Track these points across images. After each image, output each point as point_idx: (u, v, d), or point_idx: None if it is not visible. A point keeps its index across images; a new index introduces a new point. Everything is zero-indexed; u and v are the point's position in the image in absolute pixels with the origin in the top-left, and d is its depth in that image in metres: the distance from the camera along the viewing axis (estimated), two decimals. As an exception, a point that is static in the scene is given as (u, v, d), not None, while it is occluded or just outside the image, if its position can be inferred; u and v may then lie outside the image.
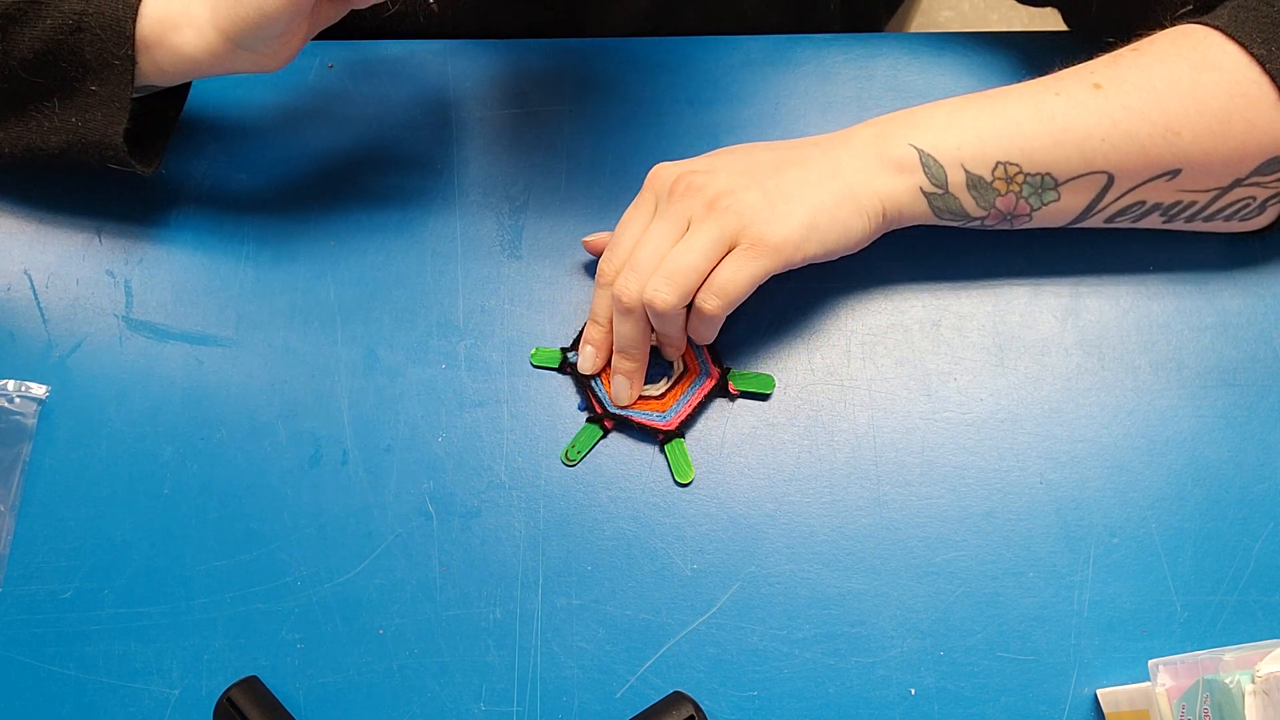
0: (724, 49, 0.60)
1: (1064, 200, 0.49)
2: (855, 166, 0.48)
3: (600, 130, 0.58)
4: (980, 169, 0.48)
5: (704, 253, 0.46)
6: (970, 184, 0.48)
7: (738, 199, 0.47)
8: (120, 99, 0.50)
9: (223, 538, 0.49)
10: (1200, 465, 0.50)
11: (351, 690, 0.47)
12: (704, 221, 0.47)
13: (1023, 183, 0.48)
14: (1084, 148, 0.47)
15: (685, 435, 0.51)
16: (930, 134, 0.48)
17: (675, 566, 0.48)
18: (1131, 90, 0.47)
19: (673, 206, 0.48)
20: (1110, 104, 0.47)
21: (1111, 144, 0.47)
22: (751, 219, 0.46)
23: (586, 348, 0.51)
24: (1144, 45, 0.49)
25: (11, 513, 0.50)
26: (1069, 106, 0.47)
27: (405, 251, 0.55)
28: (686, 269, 0.46)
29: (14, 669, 0.47)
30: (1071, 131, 0.47)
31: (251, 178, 0.57)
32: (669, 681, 0.46)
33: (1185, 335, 0.52)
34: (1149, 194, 0.49)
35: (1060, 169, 0.48)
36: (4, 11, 0.49)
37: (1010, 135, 0.47)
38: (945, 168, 0.48)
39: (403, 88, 0.60)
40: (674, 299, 0.46)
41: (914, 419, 0.51)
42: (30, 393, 0.52)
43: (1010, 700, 0.46)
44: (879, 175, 0.48)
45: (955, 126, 0.48)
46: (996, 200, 0.49)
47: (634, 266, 0.47)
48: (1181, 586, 0.48)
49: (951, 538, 0.49)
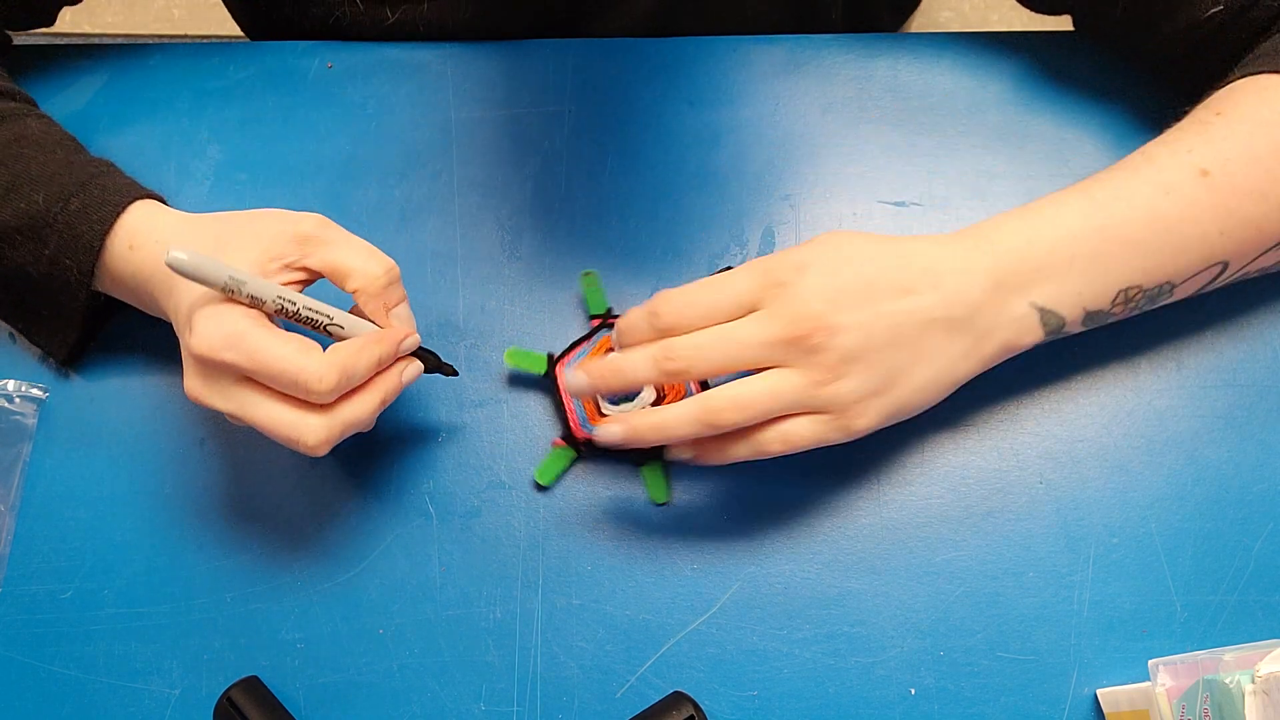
0: (724, 49, 0.60)
1: (1176, 295, 0.48)
2: (971, 330, 0.44)
3: (600, 130, 0.58)
4: (1101, 304, 0.46)
5: (785, 407, 0.43)
6: (1087, 319, 0.47)
7: (846, 386, 0.43)
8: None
9: (223, 538, 0.49)
10: (1200, 465, 0.50)
11: (351, 690, 0.47)
12: (805, 386, 0.43)
13: (1142, 299, 0.47)
14: (1203, 247, 0.46)
15: (663, 458, 0.50)
16: (1052, 285, 0.45)
17: (675, 566, 0.48)
18: (1238, 169, 0.45)
19: (782, 344, 0.42)
20: (1222, 192, 0.45)
21: (1229, 234, 0.46)
22: (848, 404, 0.43)
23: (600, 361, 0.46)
24: (1226, 107, 0.47)
25: (11, 513, 0.50)
26: (1184, 207, 0.45)
27: (405, 251, 0.55)
28: (760, 411, 0.43)
29: (14, 669, 0.47)
30: (1190, 236, 0.45)
31: (251, 178, 0.57)
32: (669, 681, 0.46)
33: (1185, 335, 0.52)
34: (1257, 265, 0.48)
35: (1180, 274, 0.46)
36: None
37: (1130, 259, 0.45)
38: (1065, 316, 0.46)
39: (403, 88, 0.60)
40: (732, 424, 0.43)
41: (913, 419, 0.51)
42: (30, 393, 0.52)
43: (1010, 700, 0.46)
44: (991, 340, 0.45)
45: (1076, 266, 0.45)
46: (1108, 320, 0.48)
47: (700, 347, 0.43)
48: (1181, 586, 0.47)
49: (951, 538, 0.49)
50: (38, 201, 0.46)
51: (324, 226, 0.44)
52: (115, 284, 0.48)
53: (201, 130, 0.58)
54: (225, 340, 0.40)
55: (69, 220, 0.46)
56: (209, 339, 0.40)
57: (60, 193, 0.47)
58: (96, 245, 0.46)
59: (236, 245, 0.43)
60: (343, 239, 0.44)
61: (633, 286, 0.54)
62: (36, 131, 0.50)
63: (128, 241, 0.46)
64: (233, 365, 0.41)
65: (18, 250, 0.47)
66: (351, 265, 0.43)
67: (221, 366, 0.41)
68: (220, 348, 0.40)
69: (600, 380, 0.45)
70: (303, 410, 0.42)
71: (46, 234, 0.46)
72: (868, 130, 0.58)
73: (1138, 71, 0.54)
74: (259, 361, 0.40)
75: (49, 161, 0.48)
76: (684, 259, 0.55)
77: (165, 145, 0.58)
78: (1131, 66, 0.58)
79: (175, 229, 0.46)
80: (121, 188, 0.48)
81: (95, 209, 0.46)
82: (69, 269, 0.47)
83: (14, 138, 0.49)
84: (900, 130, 0.58)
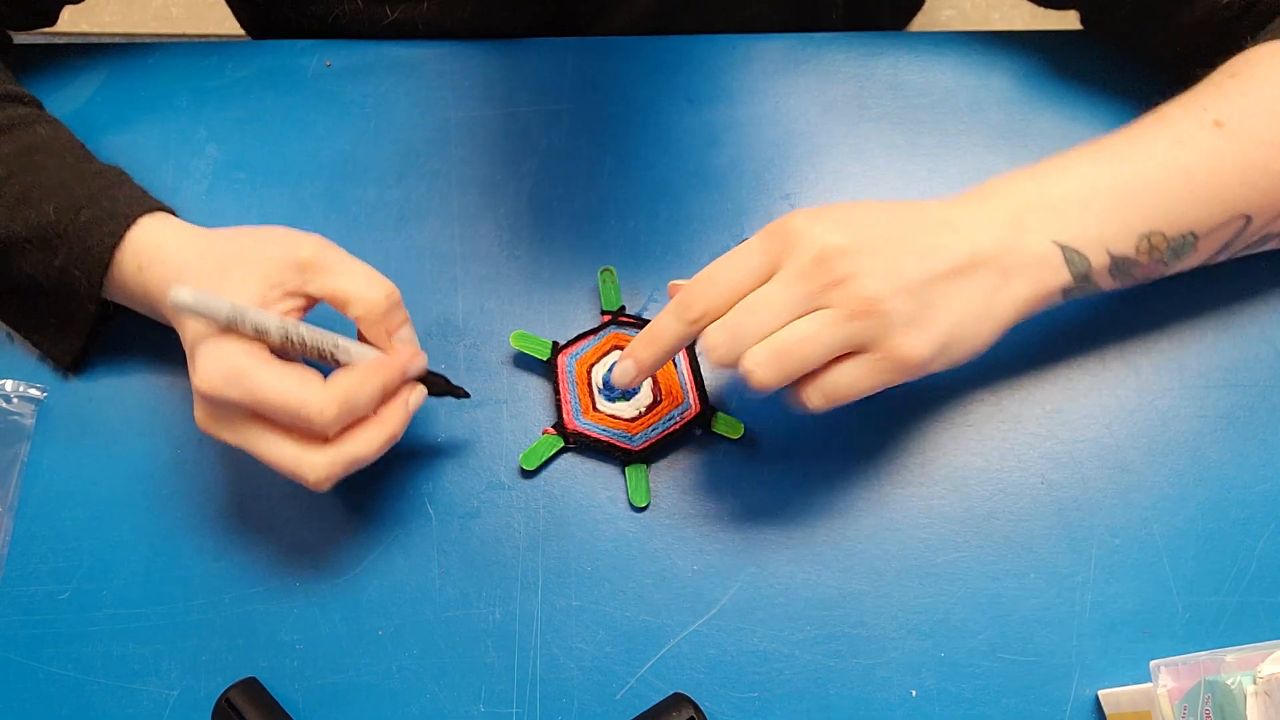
0: (723, 47, 0.60)
1: (1200, 251, 0.47)
2: (996, 266, 0.43)
3: (599, 129, 0.58)
4: (1125, 248, 0.45)
5: (827, 351, 0.41)
6: (1113, 266, 0.46)
7: (884, 305, 0.41)
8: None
9: (221, 538, 0.49)
10: (1202, 465, 0.50)
11: (351, 691, 0.46)
12: (841, 321, 0.41)
13: (1165, 249, 0.46)
14: (1224, 196, 0.45)
15: (649, 462, 0.50)
16: (1071, 222, 0.45)
17: (675, 567, 0.48)
18: (1256, 121, 0.45)
19: (807, 285, 0.41)
20: (1240, 142, 0.45)
21: (1250, 184, 0.45)
22: (891, 329, 0.41)
23: (628, 362, 0.45)
24: (1241, 69, 0.47)
25: (9, 513, 0.49)
26: (1200, 155, 0.45)
27: (404, 251, 0.55)
28: (800, 360, 0.41)
29: (12, 670, 0.47)
30: (1210, 184, 0.45)
31: (249, 176, 0.57)
32: (669, 683, 0.46)
33: (1187, 335, 0.52)
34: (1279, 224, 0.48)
35: (1202, 223, 0.46)
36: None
37: (1150, 202, 0.45)
38: (1090, 257, 0.45)
39: (401, 87, 0.59)
40: (774, 380, 0.41)
41: (914, 419, 0.51)
42: (28, 393, 0.51)
43: (1011, 702, 0.46)
44: (1018, 279, 0.44)
45: (1094, 207, 0.45)
46: (1135, 271, 0.47)
47: (736, 330, 0.41)
48: (1183, 587, 0.47)
49: (952, 538, 0.48)
50: (48, 212, 0.46)
51: (324, 252, 0.44)
52: (124, 297, 0.48)
53: (200, 129, 0.58)
54: (225, 377, 0.40)
55: (79, 232, 0.46)
56: (210, 376, 0.41)
57: (70, 204, 0.47)
58: (106, 258, 0.46)
59: (240, 272, 0.43)
60: (342, 264, 0.44)
61: (633, 286, 0.54)
62: (46, 139, 0.50)
63: (136, 261, 0.46)
64: (235, 402, 0.41)
65: (27, 260, 0.47)
66: (351, 292, 0.43)
67: (225, 403, 0.41)
68: (221, 385, 0.40)
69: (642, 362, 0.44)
70: (306, 446, 0.42)
71: (56, 245, 0.46)
72: (868, 129, 0.58)
73: (1146, 66, 0.54)
74: (259, 397, 0.40)
75: (59, 171, 0.48)
76: (684, 258, 0.55)
77: (164, 144, 0.58)
78: (1139, 61, 0.57)
79: (181, 250, 0.46)
80: (131, 200, 0.48)
81: (105, 221, 0.46)
82: (78, 280, 0.47)
83: (25, 147, 0.48)
84: (901, 129, 0.58)
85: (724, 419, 0.50)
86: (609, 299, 0.53)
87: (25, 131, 0.49)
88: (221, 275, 0.43)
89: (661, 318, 0.44)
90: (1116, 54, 0.59)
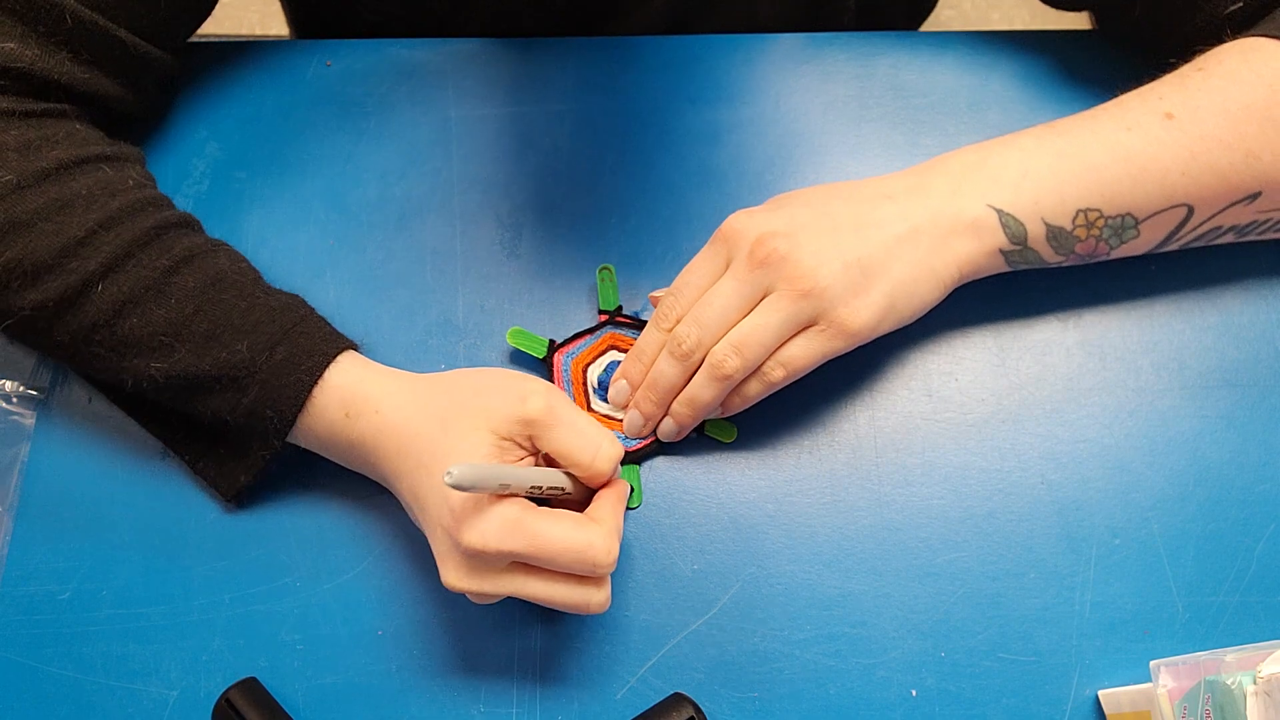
0: (724, 48, 0.60)
1: (1143, 236, 0.48)
2: (933, 231, 0.47)
3: (600, 130, 0.58)
4: (1060, 220, 0.47)
5: (779, 333, 0.45)
6: (1050, 236, 0.47)
7: (822, 282, 0.44)
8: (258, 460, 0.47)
9: (222, 538, 0.49)
10: (1202, 466, 0.50)
11: (351, 691, 0.46)
12: (785, 303, 0.45)
13: (1103, 226, 0.47)
14: (1164, 183, 0.46)
15: (640, 464, 0.50)
16: (1007, 190, 0.47)
17: (675, 567, 0.48)
18: (1206, 117, 0.46)
19: (751, 273, 0.45)
20: (1186, 135, 0.46)
21: (1191, 177, 0.46)
22: (833, 303, 0.45)
23: (621, 382, 0.50)
24: (1210, 64, 0.48)
25: (9, 513, 0.49)
26: (1145, 142, 0.46)
27: (405, 251, 0.55)
28: (758, 345, 0.45)
29: (12, 670, 0.47)
30: (1150, 170, 0.46)
31: (251, 176, 0.57)
32: (669, 683, 0.46)
33: (1187, 335, 0.52)
34: (1227, 219, 0.48)
35: (1141, 207, 0.47)
36: None
37: (1089, 181, 0.46)
38: (1025, 224, 0.47)
39: (402, 86, 0.59)
40: (740, 368, 0.45)
41: (914, 419, 0.51)
42: (29, 393, 0.51)
43: (1011, 701, 0.46)
44: (956, 240, 0.47)
45: (1032, 178, 0.47)
46: (1076, 246, 0.48)
47: (698, 320, 0.46)
48: (1183, 587, 0.47)
49: (953, 538, 0.48)
50: (240, 351, 0.45)
51: (550, 410, 0.43)
52: (316, 441, 0.47)
53: (200, 129, 0.58)
54: (503, 531, 0.40)
55: (273, 370, 0.45)
56: (485, 533, 0.40)
57: (265, 341, 0.46)
58: (302, 397, 0.45)
59: (466, 425, 0.43)
60: (569, 423, 0.43)
61: (633, 285, 0.54)
62: (228, 271, 0.48)
63: (343, 408, 0.45)
64: (512, 553, 0.40)
65: (214, 398, 0.46)
66: (580, 459, 0.43)
67: (498, 555, 0.41)
68: (499, 541, 0.40)
69: (645, 404, 0.49)
70: (579, 580, 0.42)
71: (247, 383, 0.45)
72: (869, 129, 0.58)
73: (1146, 66, 0.54)
74: (540, 546, 0.40)
75: (247, 306, 0.47)
76: (685, 257, 0.54)
77: (164, 144, 0.58)
78: (1142, 62, 0.57)
79: (396, 401, 0.45)
80: (325, 337, 0.47)
81: (302, 359, 0.46)
82: (269, 419, 0.45)
83: (209, 281, 0.47)
84: (902, 129, 0.58)
85: (717, 423, 0.50)
86: (606, 298, 0.53)
87: (206, 263, 0.47)
88: (444, 429, 0.43)
89: (646, 332, 0.49)
90: (1116, 54, 0.59)
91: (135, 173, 0.50)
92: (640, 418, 0.49)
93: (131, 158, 0.51)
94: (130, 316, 0.45)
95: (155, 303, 0.45)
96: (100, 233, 0.45)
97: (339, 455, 0.47)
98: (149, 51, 0.52)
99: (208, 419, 0.47)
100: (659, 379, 0.48)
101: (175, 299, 0.46)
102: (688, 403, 0.47)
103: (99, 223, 0.46)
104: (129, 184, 0.48)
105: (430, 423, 0.44)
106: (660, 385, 0.48)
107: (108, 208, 0.46)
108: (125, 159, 0.50)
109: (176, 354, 0.45)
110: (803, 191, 0.50)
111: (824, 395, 0.51)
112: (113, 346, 0.46)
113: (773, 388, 0.47)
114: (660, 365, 0.48)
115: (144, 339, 0.45)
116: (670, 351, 0.47)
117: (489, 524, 0.40)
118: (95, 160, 0.48)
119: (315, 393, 0.45)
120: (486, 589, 0.42)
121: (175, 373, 0.45)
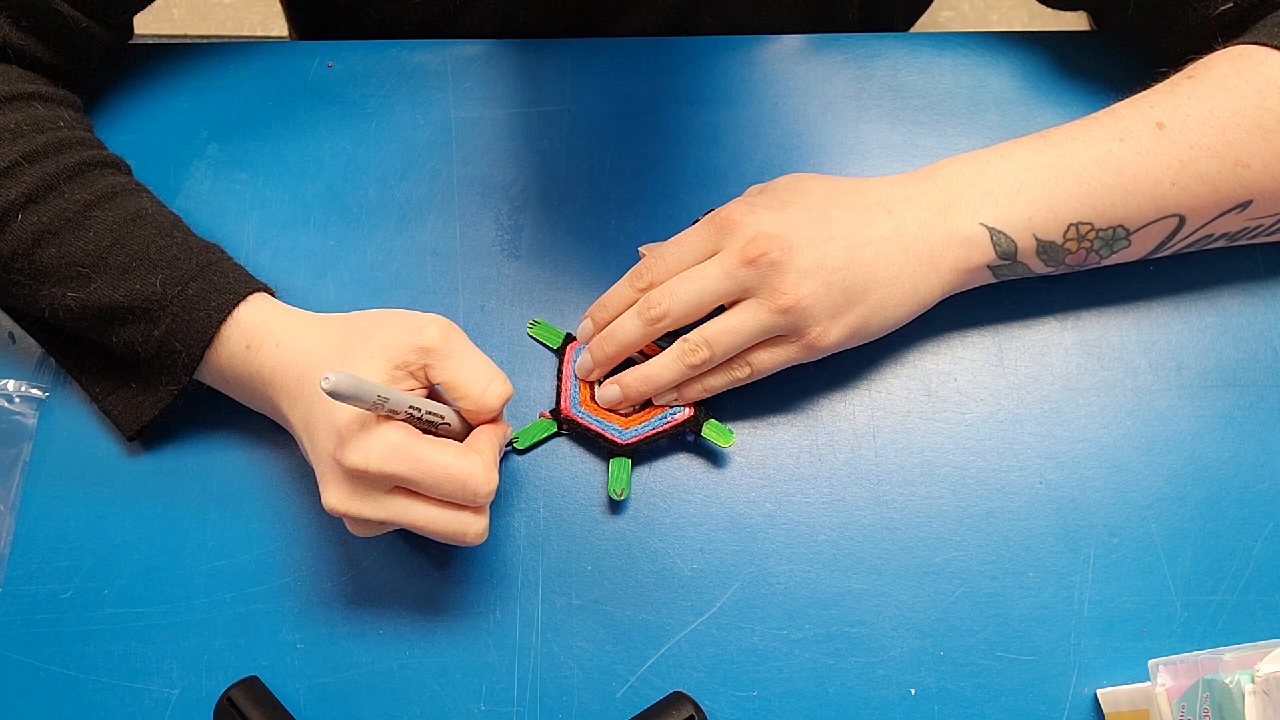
0: (724, 49, 0.60)
1: (1135, 246, 0.49)
2: (921, 249, 0.47)
3: (600, 130, 0.58)
4: (1052, 234, 0.47)
5: (751, 339, 0.47)
6: (1041, 250, 0.48)
7: (803, 302, 0.45)
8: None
9: (223, 538, 0.49)
10: (1200, 465, 0.50)
11: (351, 690, 0.47)
12: (764, 314, 0.46)
13: (1094, 239, 0.48)
14: (1155, 194, 0.46)
15: (635, 458, 0.50)
16: (999, 207, 0.47)
17: (675, 566, 0.48)
18: (1196, 126, 0.46)
19: (738, 268, 0.46)
20: (1176, 145, 0.46)
21: (1182, 186, 0.46)
22: (809, 323, 0.46)
23: (587, 321, 0.51)
24: (1200, 72, 0.48)
25: (11, 513, 0.50)
26: (1136, 154, 0.46)
27: (405, 251, 0.55)
28: (729, 345, 0.47)
29: (14, 669, 0.47)
30: (1141, 181, 0.46)
31: (251, 177, 0.57)
32: (669, 681, 0.46)
33: (1185, 335, 0.52)
34: (1219, 227, 0.48)
35: (1132, 219, 0.47)
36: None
37: (1080, 195, 0.47)
38: (1015, 240, 0.47)
39: (402, 87, 0.60)
40: (708, 361, 0.47)
41: (914, 419, 0.51)
42: (30, 393, 0.52)
43: (1010, 700, 0.46)
44: (945, 257, 0.47)
45: (1024, 194, 0.47)
46: (1066, 258, 0.49)
47: (672, 292, 0.47)
48: (1181, 586, 0.47)
49: (952, 537, 0.49)
50: (154, 284, 0.46)
51: (447, 340, 0.43)
52: (220, 376, 0.48)
53: (200, 129, 0.58)
54: (386, 453, 0.41)
55: (185, 304, 0.46)
56: (369, 453, 0.41)
57: (178, 276, 0.46)
58: (210, 332, 0.46)
59: (362, 354, 0.43)
60: (463, 355, 0.44)
61: (633, 286, 0.54)
62: (149, 210, 0.49)
63: (244, 340, 0.46)
64: (394, 475, 0.41)
65: (127, 329, 0.46)
66: (469, 391, 0.43)
67: (380, 478, 0.41)
68: (381, 461, 0.40)
69: (598, 350, 0.50)
70: (459, 509, 0.43)
71: (159, 316, 0.46)
72: (868, 129, 0.58)
73: (1144, 66, 0.54)
74: (423, 470, 0.41)
75: (164, 243, 0.47)
76: (684, 258, 0.55)
77: (164, 144, 0.58)
78: (1139, 61, 0.58)
79: (296, 333, 0.46)
80: (239, 277, 0.47)
81: (213, 296, 0.46)
82: (178, 352, 0.46)
83: (128, 216, 0.47)
84: (900, 129, 0.58)
85: (715, 426, 0.50)
86: (551, 340, 0.53)
87: (129, 200, 0.48)
88: (344, 356, 0.43)
89: (618, 285, 0.50)
90: (1115, 54, 0.59)
91: (68, 114, 0.51)
92: (589, 361, 0.50)
93: (67, 102, 0.52)
94: (49, 247, 0.46)
95: (74, 234, 0.46)
96: (23, 164, 0.46)
97: (240, 391, 0.48)
98: (90, 27, 0.53)
99: (120, 350, 0.47)
100: (618, 331, 0.49)
101: (94, 231, 0.46)
102: (645, 379, 0.49)
103: (23, 154, 0.46)
104: (59, 123, 0.49)
105: (330, 353, 0.44)
106: (617, 338, 0.49)
107: (34, 142, 0.47)
108: (60, 101, 0.51)
109: (92, 284, 0.46)
110: (810, 185, 0.49)
111: (824, 395, 0.51)
112: (31, 275, 0.46)
113: (735, 384, 0.49)
114: (624, 320, 0.49)
115: (61, 269, 0.46)
116: (638, 310, 0.48)
117: (373, 445, 0.41)
118: (28, 97, 0.49)
119: (223, 329, 0.46)
120: (366, 512, 0.42)
121: (90, 303, 0.46)
